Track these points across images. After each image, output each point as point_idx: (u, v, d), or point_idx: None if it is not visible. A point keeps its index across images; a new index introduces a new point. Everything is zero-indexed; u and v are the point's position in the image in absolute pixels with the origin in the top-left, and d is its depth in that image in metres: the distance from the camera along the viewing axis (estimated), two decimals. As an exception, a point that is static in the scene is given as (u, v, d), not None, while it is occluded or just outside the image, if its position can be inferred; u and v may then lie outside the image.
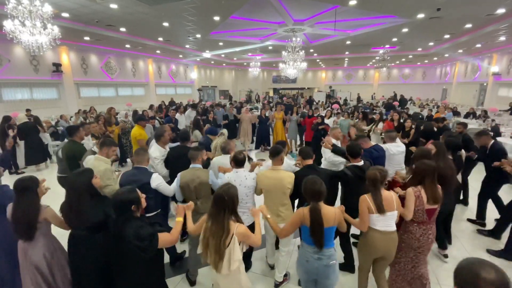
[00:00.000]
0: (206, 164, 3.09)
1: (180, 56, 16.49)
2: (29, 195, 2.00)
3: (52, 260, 2.07)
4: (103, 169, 2.66)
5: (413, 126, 5.42)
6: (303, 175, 2.57)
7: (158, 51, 14.45)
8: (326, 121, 7.07)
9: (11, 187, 2.08)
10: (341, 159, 3.37)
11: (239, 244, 1.83)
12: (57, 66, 10.95)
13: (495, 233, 3.63)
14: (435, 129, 5.07)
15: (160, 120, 7.87)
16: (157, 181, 2.58)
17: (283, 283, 2.84)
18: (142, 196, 1.89)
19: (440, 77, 22.17)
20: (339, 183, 2.97)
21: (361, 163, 2.78)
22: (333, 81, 26.12)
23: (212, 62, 20.41)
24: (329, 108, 12.00)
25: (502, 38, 10.63)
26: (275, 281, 2.82)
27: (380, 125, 6.40)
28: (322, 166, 3.79)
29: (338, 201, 4.28)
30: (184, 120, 7.97)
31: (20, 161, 6.75)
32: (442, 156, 2.94)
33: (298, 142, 8.46)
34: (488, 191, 3.88)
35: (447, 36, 11.11)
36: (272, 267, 3.07)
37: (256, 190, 2.72)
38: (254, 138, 8.92)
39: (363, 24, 10.34)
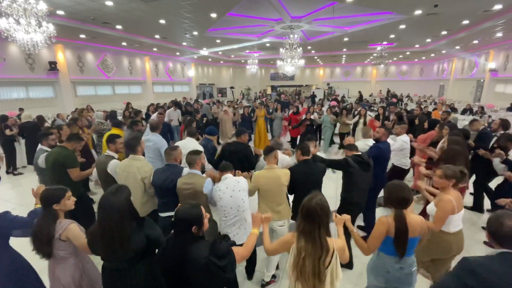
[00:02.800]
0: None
1: (177, 53, 16.38)
2: (46, 209, 1.81)
3: (82, 281, 1.91)
4: (149, 168, 2.72)
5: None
6: (298, 169, 2.69)
7: (155, 49, 14.34)
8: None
9: (7, 188, 1.99)
10: (370, 143, 3.77)
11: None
12: (53, 65, 10.86)
13: None
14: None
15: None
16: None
17: (270, 285, 2.79)
18: (206, 216, 1.62)
19: (437, 74, 22.22)
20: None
21: (359, 153, 2.94)
22: (331, 78, 26.13)
23: (210, 59, 20.30)
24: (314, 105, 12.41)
25: (499, 34, 10.66)
26: (263, 280, 2.79)
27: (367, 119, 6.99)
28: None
29: (336, 200, 4.35)
30: (166, 119, 7.56)
31: (19, 161, 6.67)
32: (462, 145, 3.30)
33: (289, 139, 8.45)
34: (480, 181, 4.13)
35: (444, 33, 11.12)
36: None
37: (249, 192, 2.56)
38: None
39: (360, 21, 10.33)
